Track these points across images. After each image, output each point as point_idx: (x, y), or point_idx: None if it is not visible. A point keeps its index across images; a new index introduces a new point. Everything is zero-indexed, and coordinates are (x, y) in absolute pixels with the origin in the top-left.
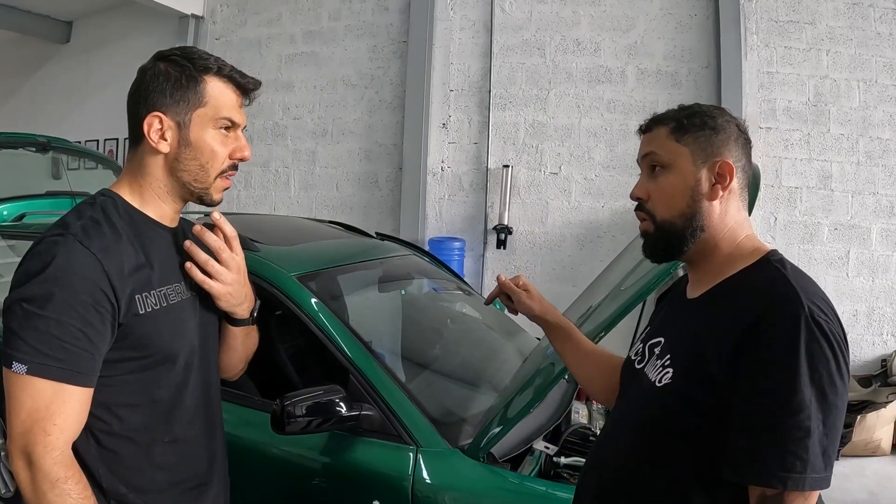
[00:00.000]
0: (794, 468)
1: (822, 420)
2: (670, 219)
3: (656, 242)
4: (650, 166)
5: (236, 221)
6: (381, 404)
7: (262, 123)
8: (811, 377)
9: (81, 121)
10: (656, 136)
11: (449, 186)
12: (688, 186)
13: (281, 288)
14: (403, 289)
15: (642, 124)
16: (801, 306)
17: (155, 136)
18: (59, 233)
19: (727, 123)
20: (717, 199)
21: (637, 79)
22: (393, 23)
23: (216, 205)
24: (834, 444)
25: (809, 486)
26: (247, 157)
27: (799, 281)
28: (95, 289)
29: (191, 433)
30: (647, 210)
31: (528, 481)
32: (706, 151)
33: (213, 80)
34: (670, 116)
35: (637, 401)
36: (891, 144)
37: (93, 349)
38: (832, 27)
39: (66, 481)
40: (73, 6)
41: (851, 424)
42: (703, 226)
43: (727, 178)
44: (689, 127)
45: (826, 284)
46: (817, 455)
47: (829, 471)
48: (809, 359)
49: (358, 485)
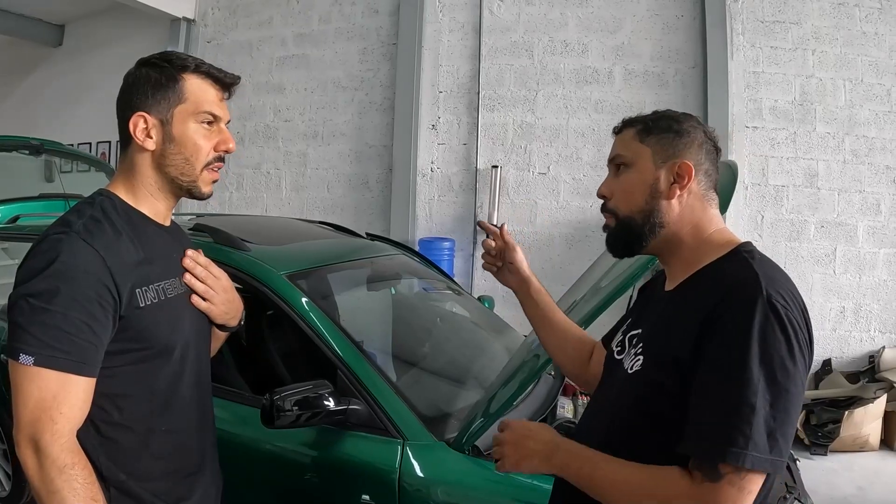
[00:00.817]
0: (734, 442)
1: (769, 401)
2: (629, 214)
3: (616, 237)
4: (616, 166)
5: (228, 222)
6: (368, 398)
7: (254, 126)
8: (762, 357)
9: (74, 124)
10: (624, 137)
11: (438, 187)
12: (646, 184)
13: (271, 286)
14: (393, 288)
15: (615, 126)
16: (759, 290)
17: (141, 135)
18: (62, 230)
19: (693, 129)
20: (674, 197)
21: (624, 79)
22: (383, 25)
23: (206, 198)
24: (784, 428)
25: (749, 464)
26: (231, 149)
27: (763, 268)
28: (99, 284)
29: (185, 423)
30: (610, 208)
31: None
32: (667, 152)
33: (192, 78)
34: (639, 119)
35: (612, 389)
36: (876, 143)
37: (96, 341)
38: (818, 27)
39: (72, 467)
40: (65, 10)
41: (839, 420)
42: (662, 222)
43: (685, 178)
44: (654, 129)
45: (813, 282)
46: (761, 434)
47: (775, 454)
48: (762, 340)
49: (347, 478)
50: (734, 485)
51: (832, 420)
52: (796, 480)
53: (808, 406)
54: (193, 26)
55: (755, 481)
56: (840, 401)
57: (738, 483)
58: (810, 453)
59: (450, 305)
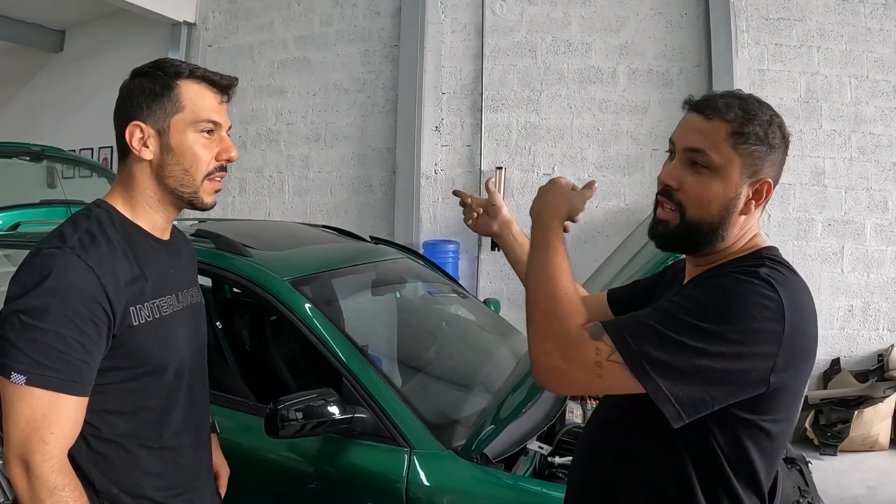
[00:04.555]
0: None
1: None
2: (699, 220)
3: (676, 236)
4: (692, 159)
5: (230, 227)
6: (374, 407)
7: (256, 129)
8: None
9: (75, 129)
10: (713, 130)
11: (443, 189)
12: (727, 197)
13: (274, 293)
14: (398, 292)
15: (694, 100)
16: (761, 266)
17: (137, 145)
18: (56, 245)
19: (782, 142)
20: (748, 214)
21: (628, 78)
22: (384, 27)
23: (209, 208)
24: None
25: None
26: (233, 158)
27: (772, 265)
28: (92, 301)
29: (178, 442)
30: (677, 201)
31: (523, 481)
32: (755, 167)
33: (187, 84)
34: (733, 114)
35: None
36: (883, 139)
37: (89, 359)
38: (822, 24)
39: (63, 488)
40: (66, 15)
41: (848, 420)
42: (725, 235)
43: (762, 197)
44: (749, 136)
45: (821, 280)
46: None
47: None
48: (739, 295)
49: (352, 488)
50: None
51: (841, 420)
52: (809, 484)
53: (817, 406)
54: (194, 30)
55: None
56: (849, 400)
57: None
58: (820, 453)
59: (455, 309)
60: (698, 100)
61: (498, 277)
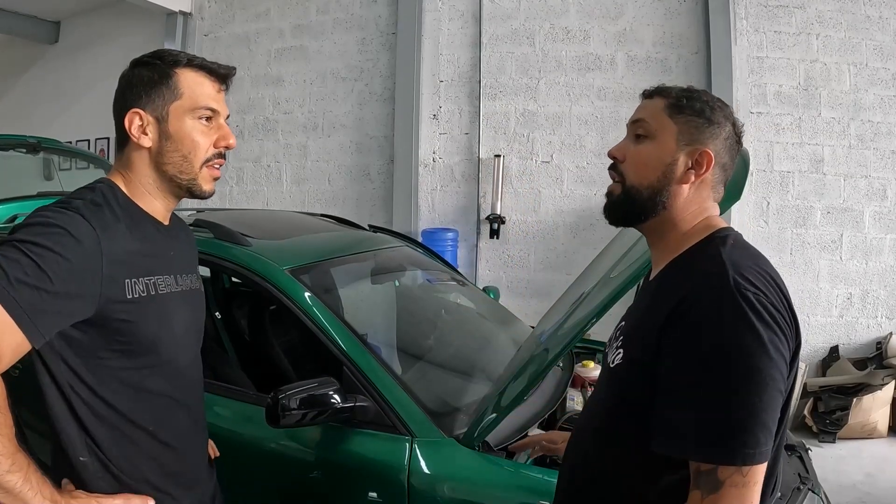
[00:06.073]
0: (721, 442)
1: (754, 392)
2: (637, 186)
3: (617, 205)
4: (636, 133)
5: (228, 217)
6: (375, 395)
7: (253, 119)
8: (738, 351)
9: (71, 121)
10: (653, 105)
11: (441, 177)
12: (663, 162)
13: (273, 282)
14: (397, 280)
15: (646, 90)
16: (726, 280)
17: (136, 132)
18: (63, 206)
19: (724, 120)
20: (687, 183)
21: (627, 66)
22: (381, 15)
23: (208, 196)
24: (772, 413)
25: (742, 461)
26: (232, 145)
27: (732, 255)
28: (87, 261)
29: (175, 425)
30: (620, 171)
31: (524, 469)
32: (692, 136)
33: (185, 72)
34: (673, 92)
35: (601, 384)
36: (882, 127)
37: (54, 311)
38: (821, 11)
39: None
40: (61, 6)
41: (847, 407)
42: (666, 204)
43: (703, 168)
44: (686, 108)
45: (820, 268)
46: (749, 429)
47: (766, 446)
48: (735, 333)
49: (354, 476)
50: (738, 484)
51: (840, 407)
52: (809, 471)
53: (816, 393)
54: (190, 20)
55: (758, 472)
56: (848, 388)
57: (742, 480)
58: (818, 441)
59: (454, 297)
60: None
61: (497, 265)
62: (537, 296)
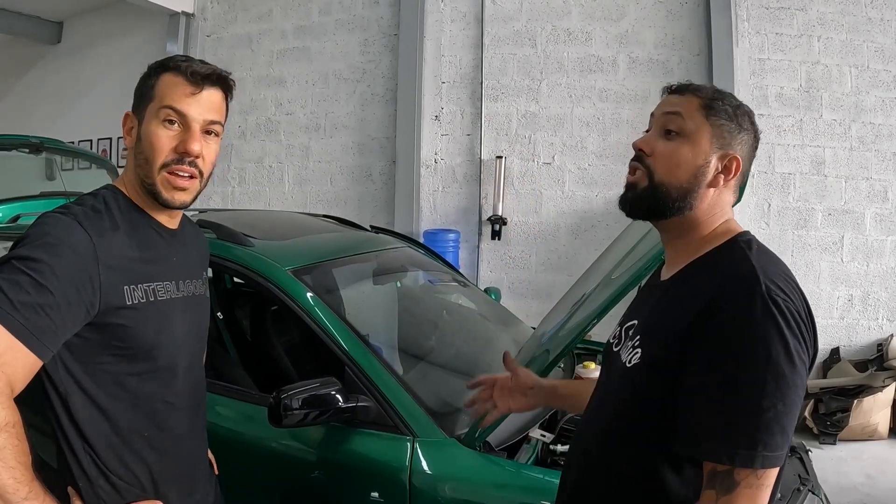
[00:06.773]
0: (743, 445)
1: (777, 399)
2: (668, 184)
3: (643, 199)
4: (666, 128)
5: (230, 217)
6: (377, 395)
7: (255, 119)
8: (765, 355)
9: (74, 121)
10: (687, 102)
11: (442, 178)
12: (696, 164)
13: (275, 282)
14: (398, 281)
15: (673, 84)
16: (758, 284)
17: (125, 133)
18: (61, 212)
19: (751, 126)
20: (715, 187)
21: (628, 67)
22: (384, 16)
23: (172, 206)
24: (791, 421)
25: (760, 464)
26: (191, 151)
27: (760, 260)
28: (83, 269)
29: (172, 430)
30: (647, 164)
31: (525, 469)
32: (724, 140)
33: (166, 75)
34: (707, 92)
35: (612, 383)
36: (883, 129)
37: (59, 324)
38: (823, 13)
39: (14, 426)
40: (64, 6)
41: (848, 409)
42: (692, 205)
43: (731, 173)
44: (721, 111)
45: (821, 270)
46: (770, 433)
47: (783, 450)
48: (765, 338)
49: (356, 476)
50: (752, 486)
51: (841, 409)
52: (809, 472)
53: (817, 395)
54: (192, 21)
55: (771, 475)
56: (848, 389)
57: (756, 483)
58: (819, 442)
59: (456, 298)
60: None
61: (498, 266)
62: (538, 297)
